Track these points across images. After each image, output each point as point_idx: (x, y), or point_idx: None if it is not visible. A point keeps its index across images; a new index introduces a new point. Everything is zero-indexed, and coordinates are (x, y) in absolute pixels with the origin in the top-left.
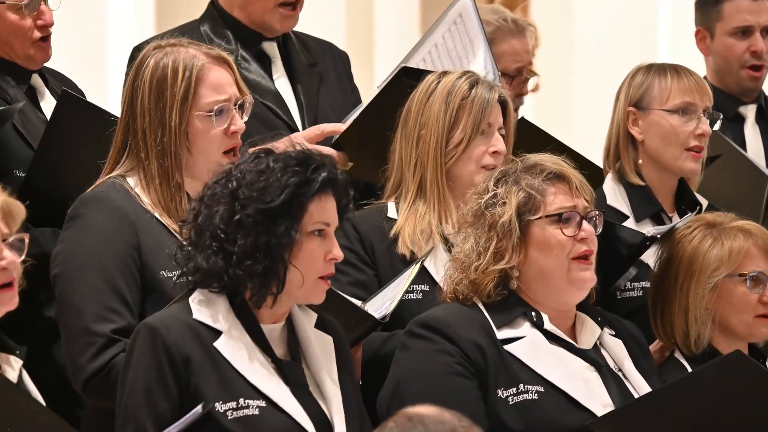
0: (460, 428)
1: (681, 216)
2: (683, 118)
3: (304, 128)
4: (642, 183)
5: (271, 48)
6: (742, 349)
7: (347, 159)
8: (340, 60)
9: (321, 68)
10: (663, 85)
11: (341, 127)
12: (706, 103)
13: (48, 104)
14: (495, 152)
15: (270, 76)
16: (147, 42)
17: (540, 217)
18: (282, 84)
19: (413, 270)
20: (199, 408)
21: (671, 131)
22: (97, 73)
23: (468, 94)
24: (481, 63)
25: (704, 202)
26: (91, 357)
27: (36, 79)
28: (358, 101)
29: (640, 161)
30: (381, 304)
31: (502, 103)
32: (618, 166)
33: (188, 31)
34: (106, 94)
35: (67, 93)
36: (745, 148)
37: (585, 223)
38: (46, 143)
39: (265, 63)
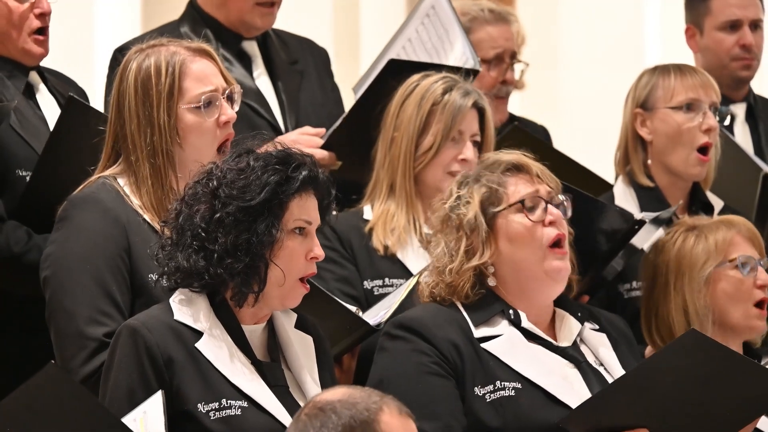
0: (371, 405)
1: None
2: (688, 114)
3: (286, 127)
4: (651, 184)
5: (251, 47)
6: (738, 347)
7: (336, 158)
8: (320, 57)
9: (301, 66)
10: (667, 84)
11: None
12: (712, 98)
13: (45, 100)
14: (463, 160)
15: (251, 75)
16: (129, 43)
17: (504, 208)
18: (263, 83)
19: (410, 283)
20: (159, 395)
21: (677, 129)
22: (83, 70)
23: (440, 100)
24: (459, 51)
25: (718, 205)
26: (83, 361)
27: (33, 76)
28: (339, 99)
29: (650, 162)
30: (377, 313)
31: (480, 110)
32: (628, 169)
33: (168, 32)
34: (93, 91)
35: (74, 99)
36: None
37: (551, 207)
38: (50, 149)
39: (246, 62)
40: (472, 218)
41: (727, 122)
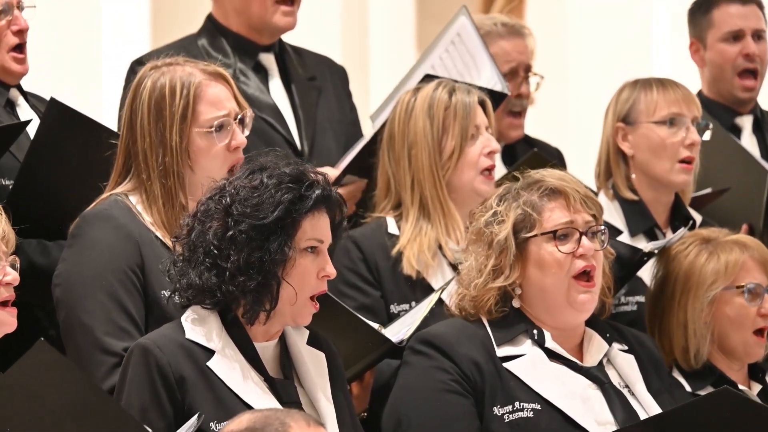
0: (278, 426)
1: (675, 232)
2: (671, 129)
3: (301, 143)
4: (636, 198)
5: (269, 60)
6: (741, 366)
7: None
8: (339, 76)
9: (319, 82)
10: (649, 98)
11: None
12: (694, 113)
13: (25, 114)
14: (490, 152)
15: (268, 89)
16: (147, 56)
17: (536, 235)
18: (280, 97)
19: (432, 298)
20: (194, 419)
21: (660, 143)
22: (92, 86)
23: (449, 103)
24: (487, 75)
25: (698, 218)
26: (105, 375)
27: (13, 92)
28: (356, 120)
29: (633, 176)
30: (399, 330)
31: (482, 103)
32: (611, 183)
33: (186, 46)
34: (101, 108)
35: (55, 101)
36: None
37: (584, 239)
38: (33, 152)
39: (263, 76)
40: (503, 239)
41: (706, 137)
